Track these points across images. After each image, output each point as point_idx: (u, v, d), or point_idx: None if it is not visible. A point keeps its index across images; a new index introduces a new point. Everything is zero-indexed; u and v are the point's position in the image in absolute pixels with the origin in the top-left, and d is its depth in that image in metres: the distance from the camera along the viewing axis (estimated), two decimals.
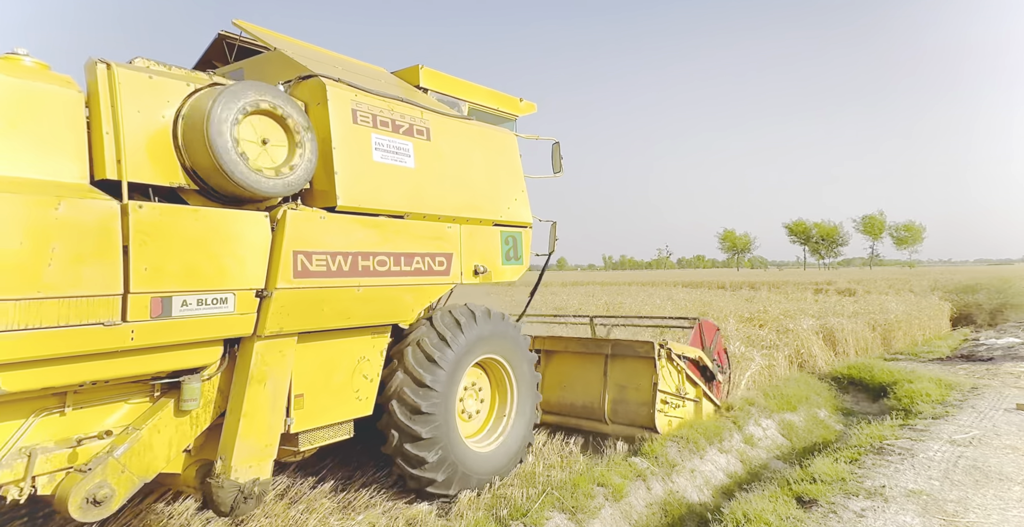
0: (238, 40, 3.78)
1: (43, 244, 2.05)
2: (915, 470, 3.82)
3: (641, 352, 4.76)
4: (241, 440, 2.67)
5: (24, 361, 2.03)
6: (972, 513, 3.16)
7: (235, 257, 2.58)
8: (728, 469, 4.70)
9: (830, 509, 3.24)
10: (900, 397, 6.22)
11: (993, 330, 12.63)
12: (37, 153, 2.19)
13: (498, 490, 3.70)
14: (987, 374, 7.30)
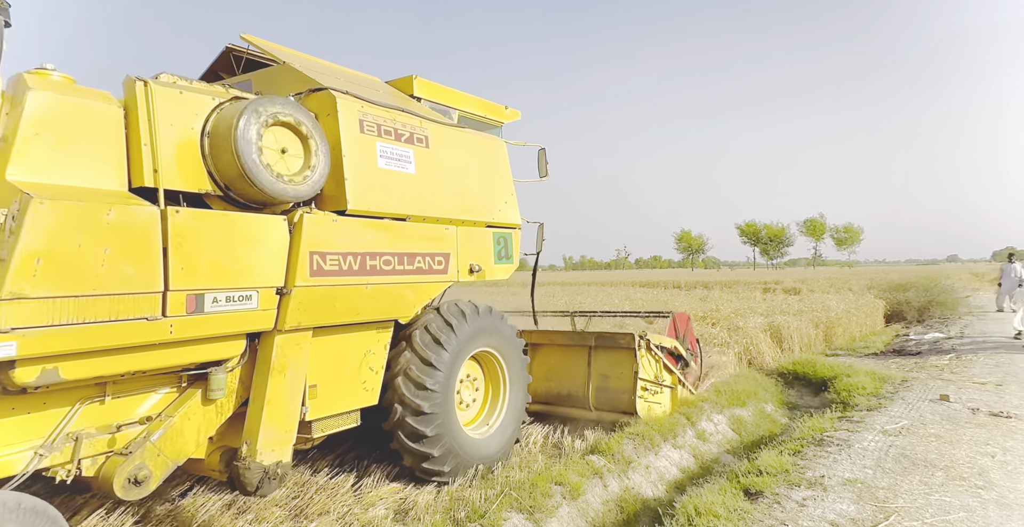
0: (246, 53, 3.97)
1: (97, 246, 2.24)
2: (851, 460, 4.05)
3: (623, 343, 5.14)
4: (265, 426, 2.90)
5: (80, 352, 2.24)
6: (900, 499, 3.39)
7: (258, 257, 2.80)
8: (681, 464, 4.85)
9: (774, 500, 3.39)
10: (839, 390, 6.59)
11: (921, 326, 13.56)
12: (84, 163, 2.40)
13: (456, 492, 3.68)
14: (915, 367, 7.84)
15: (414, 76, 4.09)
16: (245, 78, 3.90)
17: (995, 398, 5.81)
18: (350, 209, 3.18)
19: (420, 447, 3.58)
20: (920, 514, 3.18)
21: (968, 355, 8.39)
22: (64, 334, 2.16)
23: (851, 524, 3.08)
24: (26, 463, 2.27)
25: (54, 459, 2.37)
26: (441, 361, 3.63)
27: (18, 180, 2.20)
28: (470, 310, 3.92)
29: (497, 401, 4.26)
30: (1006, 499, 3.38)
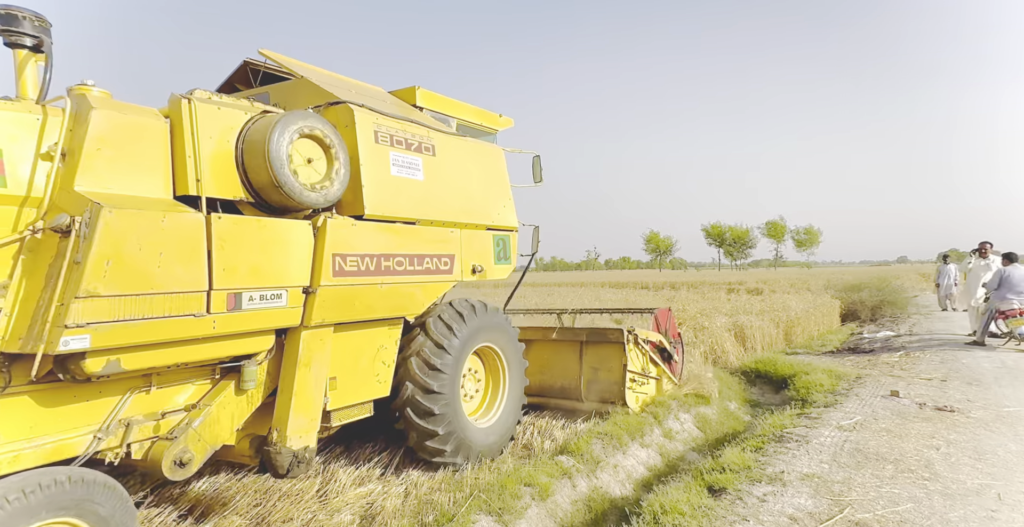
0: (263, 67, 4.23)
1: (154, 250, 2.47)
2: (809, 455, 4.21)
3: (612, 338, 5.51)
4: (293, 414, 3.16)
5: (139, 345, 2.47)
6: (854, 492, 3.53)
7: (287, 259, 3.05)
8: (648, 463, 4.93)
9: (737, 496, 3.49)
10: (798, 388, 6.83)
11: (873, 324, 14.18)
12: (136, 174, 2.62)
13: (424, 495, 3.65)
14: (868, 364, 8.20)
15: (417, 87, 4.35)
16: (263, 90, 4.17)
17: (940, 393, 6.13)
18: (367, 214, 3.44)
19: (426, 424, 3.81)
20: (872, 506, 3.33)
21: (916, 352, 8.83)
22: (127, 328, 2.40)
23: (808, 518, 3.19)
24: (87, 446, 2.52)
25: (108, 443, 2.61)
26: (452, 346, 3.93)
27: (86, 191, 2.41)
28: (478, 306, 4.27)
29: (497, 394, 4.55)
30: (949, 490, 3.57)
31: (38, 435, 2.42)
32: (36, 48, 2.60)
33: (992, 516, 3.20)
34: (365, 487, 3.76)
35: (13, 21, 2.52)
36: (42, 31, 2.61)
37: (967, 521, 3.15)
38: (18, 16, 2.52)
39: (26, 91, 2.63)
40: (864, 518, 3.18)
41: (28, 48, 2.59)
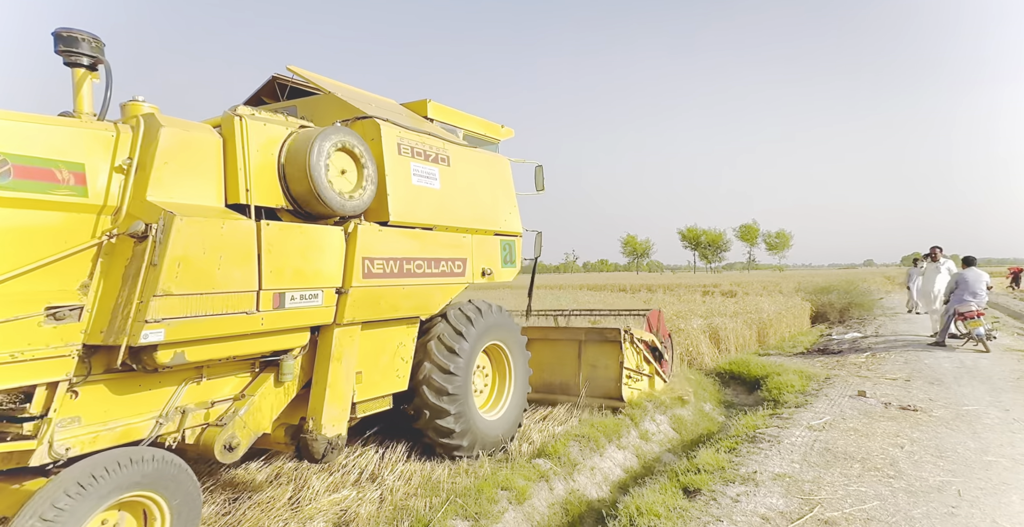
0: (290, 82, 4.50)
1: (215, 254, 2.72)
2: (781, 455, 4.29)
3: (610, 337, 5.86)
4: (327, 405, 3.42)
5: (200, 339, 2.73)
6: (823, 491, 3.62)
7: (323, 262, 3.30)
8: (625, 464, 4.97)
9: (711, 497, 3.53)
10: (770, 389, 6.97)
11: (842, 326, 14.60)
12: (196, 184, 2.87)
13: (399, 501, 3.60)
14: (837, 365, 8.42)
15: (428, 100, 4.62)
16: (290, 104, 4.43)
17: (904, 393, 6.34)
18: (392, 220, 3.71)
19: (440, 402, 4.07)
20: (840, 504, 3.41)
21: (882, 353, 9.12)
22: (193, 324, 2.66)
23: (780, 517, 3.25)
24: (150, 430, 2.80)
25: (168, 428, 2.88)
26: (462, 349, 4.19)
27: (157, 200, 2.67)
28: (485, 307, 4.53)
29: (504, 390, 4.83)
30: (913, 487, 3.68)
31: (111, 419, 2.71)
32: (92, 67, 2.86)
33: (952, 512, 3.32)
34: (339, 493, 3.69)
35: (72, 43, 2.78)
36: (98, 51, 2.86)
37: (929, 517, 3.25)
38: (77, 38, 2.78)
39: (82, 107, 2.85)
40: (833, 516, 3.25)
41: (85, 67, 2.85)
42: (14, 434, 2.41)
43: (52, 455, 2.42)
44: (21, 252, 2.39)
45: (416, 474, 3.98)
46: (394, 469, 4.01)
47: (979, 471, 3.95)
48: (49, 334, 2.42)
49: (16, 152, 2.35)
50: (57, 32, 2.79)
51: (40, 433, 2.40)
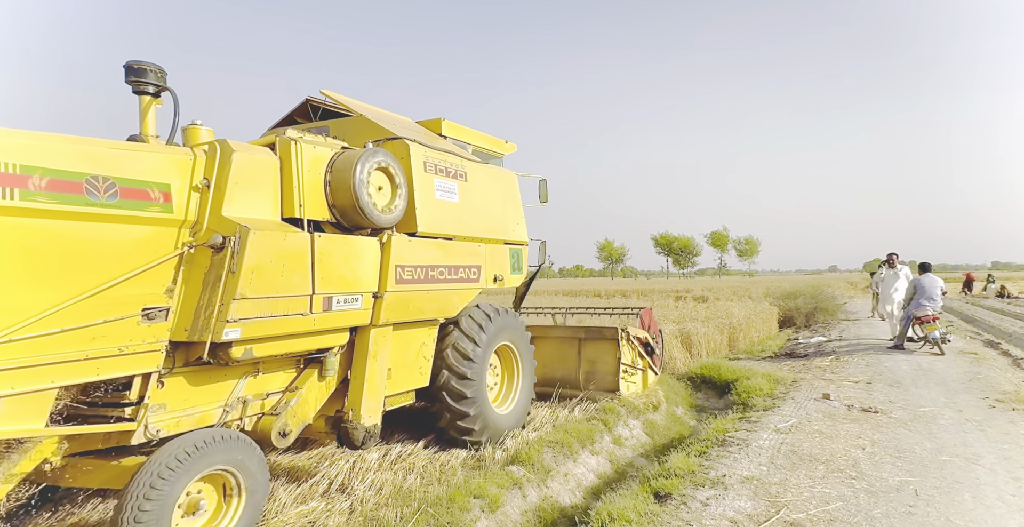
0: (323, 104, 4.87)
1: (280, 262, 3.11)
2: (749, 458, 4.38)
3: (608, 335, 6.36)
4: (365, 397, 3.83)
5: (266, 337, 3.14)
6: (789, 493, 3.70)
7: (362, 269, 3.68)
8: (599, 470, 4.99)
9: (681, 501, 3.57)
10: (740, 392, 7.11)
11: (808, 330, 15.03)
12: (259, 201, 3.25)
13: (370, 511, 3.53)
14: (803, 369, 8.66)
15: (442, 119, 5.02)
16: (323, 124, 4.75)
17: (866, 395, 6.56)
18: (419, 232, 4.10)
19: (460, 405, 4.46)
20: (805, 506, 3.50)
21: (845, 356, 9.43)
22: (262, 324, 3.06)
23: (748, 520, 3.31)
24: (218, 417, 3.24)
25: (232, 415, 3.30)
26: (477, 355, 4.58)
27: (232, 216, 3.04)
28: (493, 312, 4.88)
29: (512, 385, 5.25)
30: (873, 487, 3.81)
31: (189, 406, 3.11)
32: (156, 94, 3.28)
33: (910, 511, 3.44)
34: (307, 505, 3.59)
35: (141, 73, 3.21)
36: (162, 80, 3.27)
37: (888, 517, 3.36)
38: (145, 69, 3.21)
39: (147, 130, 3.27)
40: (798, 518, 3.33)
41: (151, 95, 3.27)
42: (117, 417, 2.84)
43: (147, 435, 2.86)
44: (123, 261, 2.77)
45: (387, 484, 3.91)
46: (364, 479, 3.93)
47: (934, 471, 4.11)
48: (145, 332, 2.83)
49: (120, 175, 2.74)
50: (128, 64, 3.21)
51: (139, 417, 2.84)
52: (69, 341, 2.54)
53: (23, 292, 2.45)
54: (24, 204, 2.40)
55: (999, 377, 7.47)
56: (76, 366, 2.57)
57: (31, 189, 2.42)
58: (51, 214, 2.50)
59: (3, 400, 2.36)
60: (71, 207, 2.54)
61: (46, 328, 2.47)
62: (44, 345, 2.47)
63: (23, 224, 2.43)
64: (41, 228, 2.49)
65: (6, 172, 2.36)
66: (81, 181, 2.58)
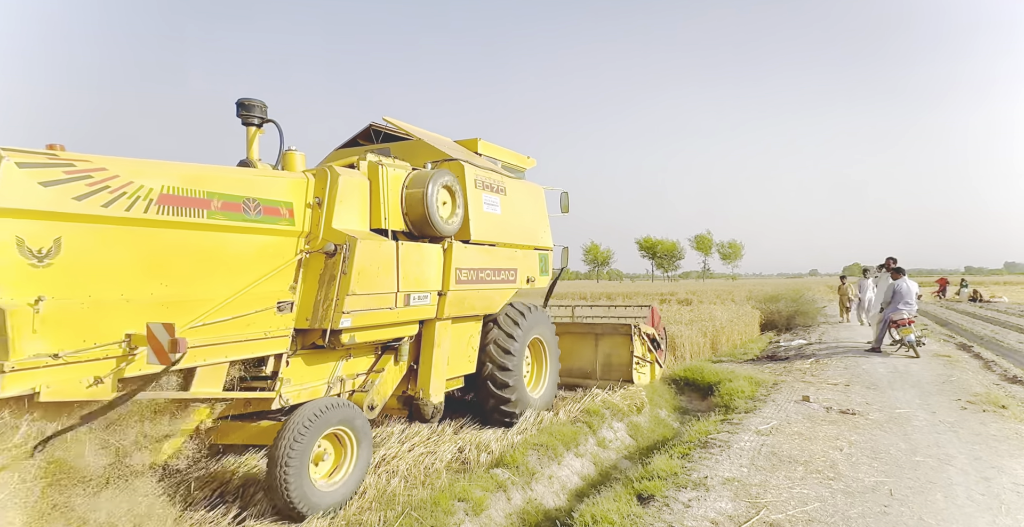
0: (384, 129, 5.51)
1: (376, 265, 3.82)
2: (730, 460, 4.44)
3: (622, 331, 7.21)
4: (433, 379, 4.64)
5: (365, 326, 3.84)
6: (769, 494, 3.77)
7: (430, 271, 4.39)
8: (583, 472, 5.01)
9: (664, 503, 3.61)
10: (722, 395, 7.21)
11: (789, 333, 15.28)
12: (356, 215, 3.96)
13: (353, 516, 3.50)
14: (784, 371, 8.81)
15: (479, 139, 5.69)
16: (384, 146, 5.38)
17: (844, 397, 6.69)
18: (472, 239, 4.82)
19: (503, 393, 5.23)
20: (784, 507, 3.56)
21: (825, 359, 9.61)
22: (365, 315, 3.77)
23: (728, 521, 3.36)
24: (324, 391, 4.01)
25: (333, 391, 4.08)
26: (517, 336, 5.36)
27: (340, 228, 3.76)
28: (526, 311, 5.65)
29: (542, 372, 6.07)
30: (851, 488, 3.89)
31: (304, 382, 3.87)
32: (260, 125, 4.06)
33: (885, 511, 3.52)
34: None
35: (250, 109, 4.01)
36: (264, 113, 4.05)
37: (864, 517, 3.44)
38: (253, 105, 4.02)
39: (253, 155, 4.06)
40: (777, 519, 3.39)
41: (256, 125, 4.05)
42: (261, 387, 3.60)
43: (281, 403, 3.64)
44: (264, 264, 3.47)
45: (371, 487, 3.88)
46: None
47: (909, 471, 4.22)
48: (279, 320, 3.53)
49: (263, 196, 3.47)
50: (239, 101, 4.01)
51: (276, 388, 3.62)
52: (234, 326, 3.28)
53: (208, 288, 3.20)
54: (209, 221, 3.20)
55: (971, 379, 7.68)
56: (239, 346, 3.32)
57: (212, 209, 3.20)
58: (223, 228, 3.27)
59: (200, 369, 3.18)
60: (235, 222, 3.31)
61: (222, 315, 3.21)
62: (221, 329, 3.20)
63: (208, 236, 3.22)
64: (217, 239, 3.26)
65: (198, 197, 3.14)
66: (240, 202, 3.34)
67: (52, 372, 2.56)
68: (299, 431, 3.28)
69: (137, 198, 2.88)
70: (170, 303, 3.00)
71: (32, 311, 2.49)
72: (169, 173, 3.03)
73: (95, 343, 2.70)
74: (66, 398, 2.64)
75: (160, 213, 2.96)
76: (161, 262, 3.01)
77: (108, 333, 2.75)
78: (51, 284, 2.60)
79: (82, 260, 2.72)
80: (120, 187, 2.82)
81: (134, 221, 2.88)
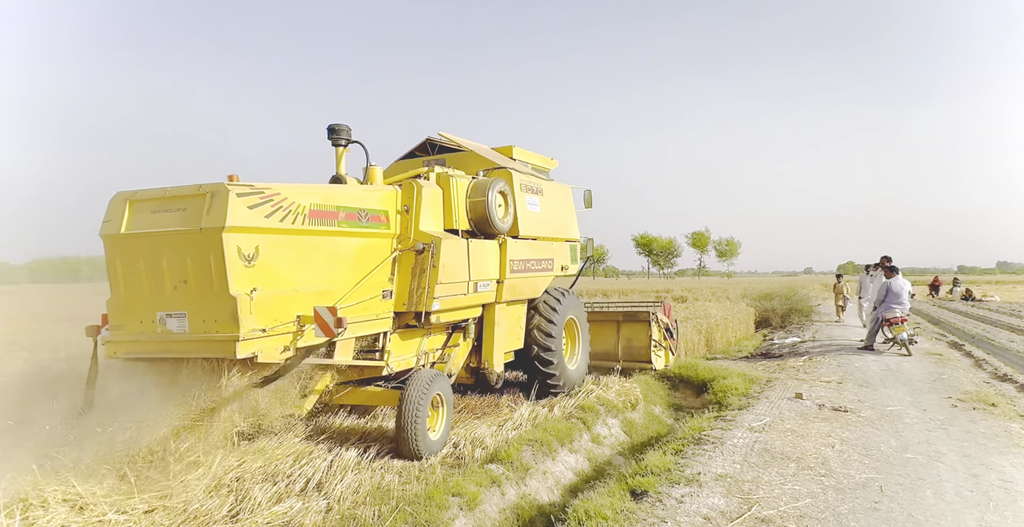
0: (439, 142, 6.30)
1: (454, 259, 4.78)
2: (723, 456, 4.47)
3: (642, 318, 8.31)
4: (495, 352, 5.64)
5: (446, 309, 4.83)
6: (761, 490, 3.80)
7: (490, 263, 5.33)
8: (577, 468, 5.04)
9: (657, 499, 3.64)
10: (716, 392, 7.25)
11: (783, 331, 15.37)
12: (435, 218, 4.91)
13: (348, 510, 3.51)
14: (777, 369, 8.86)
15: (513, 146, 6.54)
16: (440, 157, 6.20)
17: (837, 395, 6.75)
18: (520, 235, 5.73)
19: (548, 369, 6.15)
20: (776, 503, 3.59)
21: (818, 357, 9.68)
22: (448, 300, 4.76)
23: (721, 517, 3.39)
24: (415, 363, 4.96)
25: (421, 362, 5.03)
26: (556, 320, 6.23)
27: (426, 230, 4.68)
28: (561, 296, 6.51)
29: (575, 348, 6.91)
30: (842, 484, 3.93)
31: (401, 355, 4.84)
32: (346, 145, 4.92)
33: (875, 507, 3.56)
34: (283, 504, 3.55)
35: (340, 132, 4.86)
36: (349, 135, 4.91)
37: (855, 512, 3.47)
38: (341, 129, 4.87)
39: (341, 171, 4.88)
40: (769, 515, 3.42)
41: (343, 146, 4.91)
42: (374, 358, 4.61)
43: (388, 371, 4.64)
44: (372, 260, 4.41)
45: (366, 482, 3.89)
46: (344, 478, 3.90)
47: (899, 468, 4.26)
48: (385, 305, 4.53)
49: (369, 207, 4.40)
50: (330, 126, 4.85)
51: (384, 359, 4.60)
52: (358, 310, 4.21)
53: (341, 281, 4.15)
54: (338, 228, 4.10)
55: (962, 377, 7.76)
56: (362, 325, 4.29)
57: (340, 219, 4.11)
58: (347, 234, 4.20)
59: (339, 342, 4.08)
60: (353, 229, 4.24)
61: (350, 301, 4.15)
62: (351, 312, 4.05)
63: (337, 241, 4.15)
64: (343, 242, 4.20)
65: (331, 210, 4.05)
66: (356, 212, 4.26)
67: (262, 341, 3.54)
68: (420, 395, 4.26)
69: (298, 214, 3.77)
70: (320, 293, 3.95)
71: (249, 299, 3.44)
72: (313, 193, 3.95)
73: (281, 322, 3.65)
74: (271, 360, 3.62)
75: (310, 224, 3.86)
76: (312, 261, 3.94)
77: (287, 315, 3.69)
78: (256, 280, 3.52)
79: (270, 261, 3.63)
80: (288, 206, 3.71)
81: (296, 231, 3.79)
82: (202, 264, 3.40)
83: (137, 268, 3.57)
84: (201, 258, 3.40)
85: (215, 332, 3.40)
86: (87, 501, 3.25)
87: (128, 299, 3.63)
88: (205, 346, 3.46)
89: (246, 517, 3.35)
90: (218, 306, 3.38)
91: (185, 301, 3.47)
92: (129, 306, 3.62)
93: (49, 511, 3.12)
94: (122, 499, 3.34)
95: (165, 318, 3.53)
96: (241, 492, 3.65)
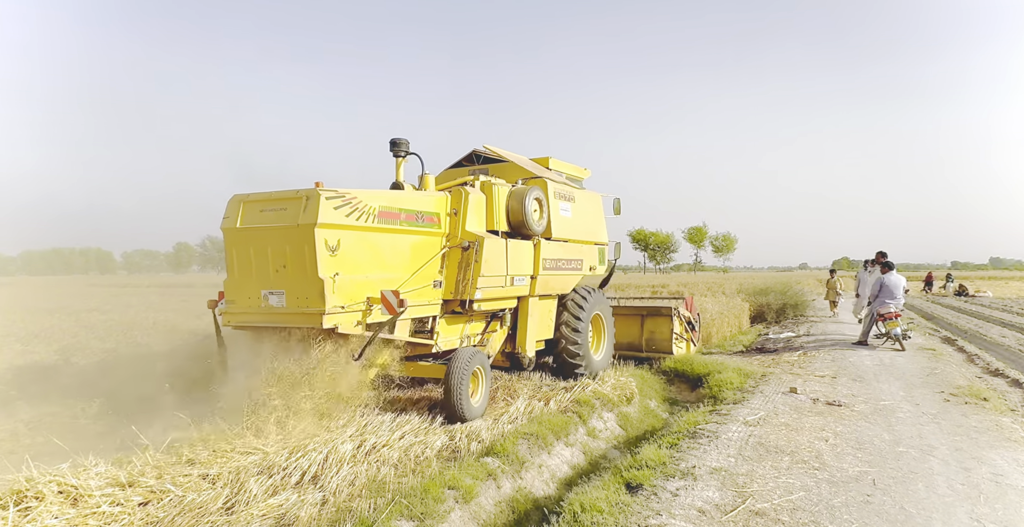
0: (484, 154, 7.17)
1: (495, 256, 5.66)
2: (718, 450, 4.49)
3: (664, 312, 9.26)
4: (528, 340, 6.49)
5: (487, 299, 5.70)
6: (756, 483, 3.82)
7: (525, 261, 6.18)
8: (572, 461, 5.06)
9: (652, 492, 3.65)
10: (712, 386, 7.28)
11: (778, 326, 15.44)
12: (479, 220, 5.78)
13: (343, 503, 3.51)
14: (772, 363, 8.91)
15: (550, 157, 7.30)
16: (484, 167, 7.11)
17: (831, 389, 6.79)
18: (553, 237, 6.58)
19: (574, 360, 6.89)
20: (770, 496, 3.62)
21: (812, 352, 9.73)
22: (489, 291, 5.62)
23: (715, 510, 3.41)
24: (457, 344, 5.82)
25: (462, 345, 5.86)
26: (583, 316, 6.99)
27: (471, 230, 5.57)
28: (587, 294, 7.27)
29: (600, 340, 7.73)
30: (835, 477, 3.96)
31: (447, 336, 5.65)
32: (404, 156, 5.74)
33: (868, 500, 3.59)
34: (279, 497, 3.55)
35: (400, 145, 5.69)
36: (407, 147, 5.73)
37: (848, 505, 3.50)
38: (400, 142, 5.69)
39: (400, 178, 5.74)
40: (763, 507, 3.44)
41: (402, 157, 5.73)
42: (426, 337, 5.40)
43: (436, 348, 5.46)
44: (425, 255, 5.24)
45: (361, 475, 3.89)
46: (340, 470, 3.90)
47: (891, 461, 4.30)
48: (435, 293, 5.36)
49: (424, 209, 5.24)
50: (392, 140, 5.66)
51: (434, 339, 5.42)
52: (414, 296, 4.95)
53: (400, 271, 5.00)
54: (399, 227, 4.94)
55: (954, 372, 7.82)
56: (416, 309, 5.05)
57: (401, 219, 4.95)
58: (407, 232, 5.04)
59: (399, 322, 4.86)
60: (411, 228, 5.06)
61: (408, 288, 4.94)
62: (409, 296, 4.76)
63: (399, 237, 5.01)
64: (403, 239, 5.06)
65: (394, 212, 4.89)
66: (414, 214, 5.09)
67: (342, 316, 4.39)
68: (464, 367, 5.03)
69: (370, 214, 4.63)
70: (384, 280, 4.78)
71: (333, 281, 4.29)
72: (381, 197, 4.81)
73: (355, 301, 4.50)
74: (348, 332, 4.47)
75: (379, 222, 4.72)
76: (379, 253, 4.81)
77: (359, 296, 4.55)
78: (338, 266, 4.38)
79: (349, 252, 4.48)
80: (362, 208, 4.57)
81: (368, 228, 4.64)
82: (298, 252, 4.28)
83: (247, 255, 4.48)
84: (297, 248, 4.28)
85: (307, 307, 4.29)
86: (80, 493, 3.24)
87: (240, 279, 4.55)
88: (299, 318, 4.34)
89: (241, 509, 3.35)
90: (309, 286, 4.26)
91: (284, 281, 4.37)
92: (240, 285, 4.55)
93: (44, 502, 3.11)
94: (116, 490, 3.33)
95: (268, 295, 4.43)
96: (236, 485, 3.65)
